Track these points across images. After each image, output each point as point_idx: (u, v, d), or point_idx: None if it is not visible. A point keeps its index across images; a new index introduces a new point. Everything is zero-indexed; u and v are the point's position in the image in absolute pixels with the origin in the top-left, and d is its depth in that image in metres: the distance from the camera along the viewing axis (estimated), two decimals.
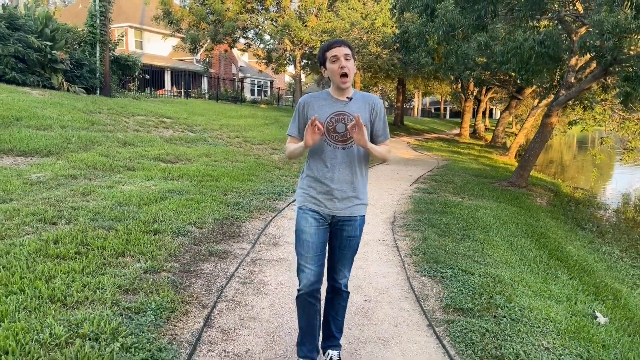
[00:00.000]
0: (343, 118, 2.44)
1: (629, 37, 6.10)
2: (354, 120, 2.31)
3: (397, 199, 8.19)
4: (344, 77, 2.40)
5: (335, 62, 2.39)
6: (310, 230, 2.50)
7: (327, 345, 2.74)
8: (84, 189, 6.14)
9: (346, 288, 2.68)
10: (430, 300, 3.78)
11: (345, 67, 2.38)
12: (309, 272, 2.49)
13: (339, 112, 2.45)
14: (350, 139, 2.44)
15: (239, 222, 5.61)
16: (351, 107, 2.46)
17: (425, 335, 3.20)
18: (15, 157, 7.43)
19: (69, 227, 4.54)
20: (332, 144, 2.46)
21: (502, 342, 3.01)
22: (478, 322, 3.29)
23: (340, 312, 2.72)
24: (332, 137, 2.46)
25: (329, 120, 2.45)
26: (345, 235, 2.55)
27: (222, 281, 3.87)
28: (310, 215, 2.51)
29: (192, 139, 12.43)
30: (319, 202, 2.51)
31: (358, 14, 21.66)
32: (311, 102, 2.51)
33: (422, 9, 9.12)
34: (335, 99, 2.49)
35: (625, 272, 6.11)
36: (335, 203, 2.49)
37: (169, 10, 23.73)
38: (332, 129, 2.46)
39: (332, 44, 2.44)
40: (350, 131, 2.37)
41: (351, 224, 2.54)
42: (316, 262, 2.49)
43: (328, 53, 2.42)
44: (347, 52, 2.40)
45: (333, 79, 2.45)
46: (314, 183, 2.52)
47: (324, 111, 2.46)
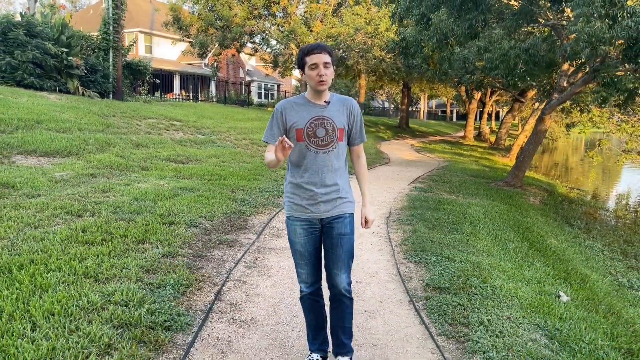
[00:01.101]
0: (323, 122, 2.43)
1: (604, 46, 6.56)
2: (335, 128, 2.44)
3: (394, 196, 8.68)
4: (321, 84, 2.38)
5: (315, 69, 2.35)
6: (301, 240, 2.53)
7: (339, 352, 2.72)
8: (103, 186, 6.70)
9: (349, 293, 2.60)
10: (414, 281, 4.28)
11: (324, 75, 2.35)
12: (306, 277, 2.60)
13: (318, 117, 2.44)
14: (331, 143, 2.44)
15: (245, 216, 6.13)
16: (330, 111, 2.45)
17: (406, 309, 3.70)
18: (38, 157, 8.01)
19: (94, 219, 5.08)
20: (313, 149, 2.44)
21: (470, 313, 3.50)
22: (452, 298, 3.78)
23: (347, 318, 2.65)
24: (313, 142, 2.43)
25: (309, 125, 2.43)
26: (336, 233, 2.52)
27: (230, 265, 4.39)
28: (298, 225, 2.53)
29: (201, 141, 13.00)
30: (305, 208, 2.50)
31: (362, 19, 22.22)
32: (288, 108, 2.47)
33: (419, 17, 9.65)
34: (313, 103, 2.46)
35: (602, 263, 6.56)
36: (321, 206, 2.48)
37: (178, 17, 24.42)
38: (312, 134, 2.43)
39: (312, 49, 2.37)
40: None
41: (340, 221, 2.52)
42: (311, 267, 2.58)
43: (307, 59, 2.37)
44: (327, 60, 2.36)
45: (310, 84, 2.42)
46: (297, 190, 2.51)
47: (303, 116, 2.44)
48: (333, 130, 2.43)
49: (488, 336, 3.16)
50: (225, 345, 2.97)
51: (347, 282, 2.57)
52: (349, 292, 2.58)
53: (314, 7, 23.04)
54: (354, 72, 26.39)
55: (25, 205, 5.29)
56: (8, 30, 13.55)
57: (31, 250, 3.96)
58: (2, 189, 5.88)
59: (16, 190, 5.93)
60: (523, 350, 2.99)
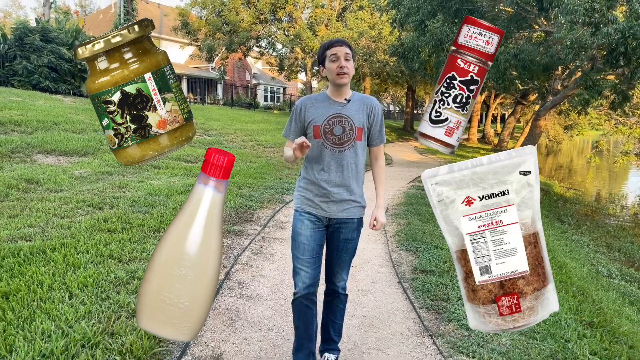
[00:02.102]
0: (341, 120, 2.39)
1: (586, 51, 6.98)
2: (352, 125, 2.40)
3: (393, 194, 9.13)
4: (341, 76, 2.35)
5: (335, 61, 2.33)
6: (307, 233, 2.48)
7: (325, 349, 2.71)
8: (119, 182, 7.19)
9: (344, 291, 2.65)
10: (403, 266, 4.73)
11: (345, 66, 2.33)
12: (304, 275, 2.48)
13: (336, 115, 2.40)
14: (348, 142, 2.40)
15: (251, 210, 6.60)
16: (349, 109, 2.41)
17: (394, 288, 4.14)
18: (57, 156, 8.52)
19: (113, 211, 5.56)
20: (329, 147, 2.41)
21: (450, 291, 3.94)
22: (436, 279, 4.23)
23: (339, 314, 2.67)
24: (330, 139, 2.40)
25: (327, 122, 2.40)
26: (343, 237, 2.50)
27: (238, 251, 4.85)
28: (306, 217, 2.49)
29: (209, 142, 13.50)
30: (315, 204, 2.47)
31: (365, 24, 22.73)
32: (309, 104, 2.46)
33: (417, 23, 10.11)
34: (333, 100, 2.43)
35: (585, 255, 6.96)
36: (332, 206, 2.45)
37: (187, 21, 25.03)
38: (329, 132, 2.40)
39: (333, 42, 2.38)
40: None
41: (348, 226, 2.49)
42: (312, 265, 2.47)
43: (328, 52, 2.36)
44: (348, 51, 2.35)
45: (331, 77, 2.39)
46: (310, 185, 2.49)
47: (322, 113, 2.41)
48: (351, 128, 2.39)
49: (464, 308, 3.60)
50: (234, 314, 3.43)
51: (346, 280, 2.63)
52: (344, 288, 2.64)
53: (318, 12, 23.59)
54: (358, 75, 26.88)
55: (50, 199, 5.78)
56: (24, 35, 14.16)
57: (61, 236, 4.44)
58: (28, 184, 6.38)
59: (40, 186, 6.43)
60: None
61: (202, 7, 25.58)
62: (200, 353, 2.88)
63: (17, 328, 2.75)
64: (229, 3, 23.96)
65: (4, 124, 9.37)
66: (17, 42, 14.15)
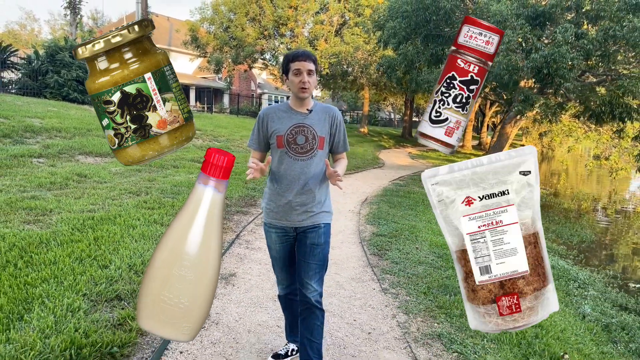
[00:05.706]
0: (303, 130, 2.43)
1: (519, 74, 8.61)
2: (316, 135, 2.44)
3: (374, 189, 10.81)
4: (303, 90, 2.37)
5: (298, 75, 2.36)
6: (276, 247, 2.60)
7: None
8: (148, 177, 8.91)
9: (320, 305, 2.54)
10: (366, 233, 6.40)
11: (307, 82, 2.36)
12: (282, 279, 2.72)
13: (299, 125, 2.43)
14: (310, 150, 2.43)
15: (255, 199, 8.29)
16: (311, 119, 2.44)
17: (355, 245, 5.82)
18: (94, 157, 10.26)
19: (148, 196, 7.26)
20: (292, 156, 2.43)
21: (393, 245, 5.62)
22: (387, 240, 5.90)
23: (316, 332, 2.53)
24: (293, 149, 2.43)
25: (289, 132, 2.42)
26: (310, 242, 2.49)
27: (245, 223, 6.54)
28: (273, 232, 2.57)
29: (218, 147, 15.22)
30: (280, 216, 2.51)
31: (361, 39, 24.54)
32: (271, 115, 2.49)
33: (396, 45, 11.83)
34: (295, 110, 2.47)
35: None
36: (295, 215, 2.47)
37: (196, 36, 26.95)
38: (292, 141, 2.42)
39: (297, 55, 2.38)
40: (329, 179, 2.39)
41: (315, 231, 2.49)
42: (287, 272, 2.68)
43: (292, 64, 2.37)
44: (311, 67, 2.36)
45: (293, 90, 2.42)
46: (274, 196, 2.53)
47: (284, 123, 2.44)
48: (314, 138, 2.43)
49: (398, 253, 5.28)
50: (242, 256, 5.12)
51: (319, 292, 2.52)
52: (319, 302, 2.53)
53: (318, 29, 25.47)
54: (357, 85, 28.66)
55: (100, 187, 7.50)
56: (55, 53, 15.99)
57: (116, 210, 6.15)
58: (80, 177, 8.11)
59: (89, 179, 8.15)
60: (415, 259, 5.11)
61: (210, 23, 27.52)
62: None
63: (110, 254, 4.44)
64: (236, 20, 25.91)
65: (48, 130, 11.15)
66: (49, 58, 15.98)
